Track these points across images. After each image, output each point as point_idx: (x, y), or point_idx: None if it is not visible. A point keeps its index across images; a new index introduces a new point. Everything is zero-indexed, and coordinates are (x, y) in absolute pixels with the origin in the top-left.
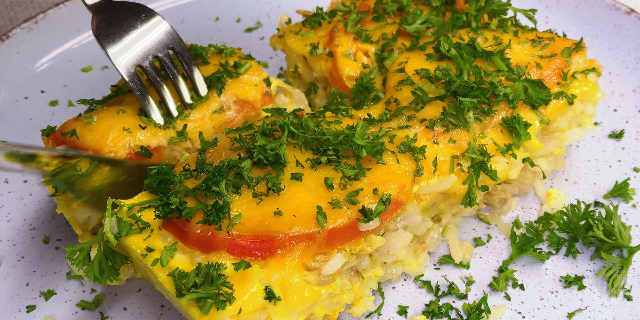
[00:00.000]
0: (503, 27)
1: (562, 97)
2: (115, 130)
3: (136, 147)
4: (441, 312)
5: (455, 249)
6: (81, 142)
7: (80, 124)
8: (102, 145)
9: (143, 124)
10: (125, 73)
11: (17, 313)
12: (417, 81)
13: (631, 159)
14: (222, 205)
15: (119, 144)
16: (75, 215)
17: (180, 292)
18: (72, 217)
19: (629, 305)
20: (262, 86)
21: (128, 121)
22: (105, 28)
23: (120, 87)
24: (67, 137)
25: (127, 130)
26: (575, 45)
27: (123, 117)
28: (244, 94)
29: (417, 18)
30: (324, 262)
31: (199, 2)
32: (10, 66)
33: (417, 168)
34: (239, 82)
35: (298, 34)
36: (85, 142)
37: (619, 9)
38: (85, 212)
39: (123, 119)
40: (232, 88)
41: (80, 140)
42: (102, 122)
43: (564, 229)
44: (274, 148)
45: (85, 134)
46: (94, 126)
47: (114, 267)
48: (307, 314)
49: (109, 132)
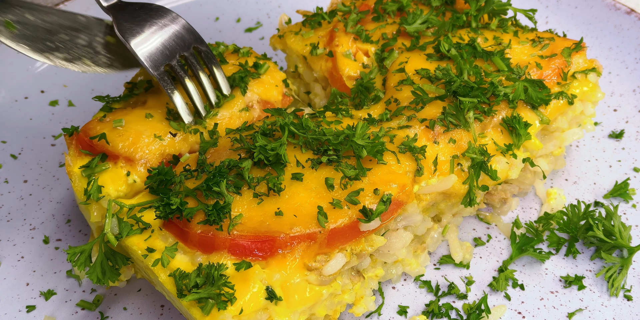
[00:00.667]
0: (503, 27)
1: (562, 97)
2: (147, 136)
3: (168, 156)
4: (441, 312)
5: (455, 249)
6: (111, 148)
7: (107, 126)
8: (134, 153)
9: (173, 131)
10: (155, 73)
11: (17, 313)
12: (417, 81)
13: (631, 159)
14: (223, 206)
15: (151, 153)
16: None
17: (182, 293)
18: (100, 226)
19: (629, 305)
20: (282, 87)
21: (158, 127)
22: (129, 28)
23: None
24: (96, 141)
25: (158, 138)
26: (575, 45)
27: (152, 122)
28: (266, 94)
29: (417, 18)
30: (325, 262)
31: (199, 2)
32: (10, 66)
33: (418, 168)
34: (261, 82)
35: (298, 34)
36: (115, 148)
37: (619, 9)
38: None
39: (153, 125)
40: (255, 88)
41: (110, 145)
42: (131, 127)
43: (564, 229)
44: (275, 148)
45: (115, 139)
46: (123, 131)
47: (115, 267)
48: (308, 314)
49: (139, 139)
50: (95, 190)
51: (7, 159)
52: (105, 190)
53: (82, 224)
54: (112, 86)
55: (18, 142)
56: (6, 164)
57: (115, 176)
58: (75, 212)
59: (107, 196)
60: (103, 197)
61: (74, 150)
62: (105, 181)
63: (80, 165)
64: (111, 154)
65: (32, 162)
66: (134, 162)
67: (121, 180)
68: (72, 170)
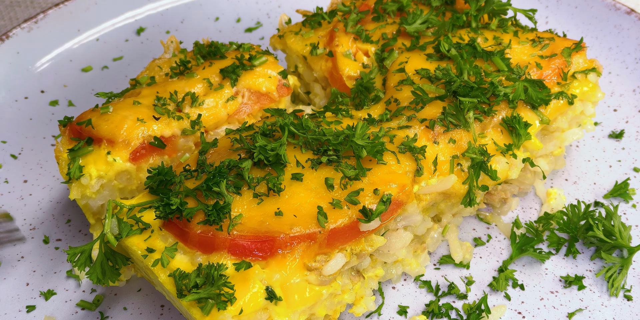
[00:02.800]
0: (503, 27)
1: (562, 97)
2: (130, 120)
3: (149, 138)
4: (441, 312)
5: (455, 249)
6: (96, 132)
7: (96, 114)
8: (115, 135)
9: (157, 115)
10: None
11: (17, 313)
12: (417, 81)
13: (631, 159)
14: (223, 206)
15: (132, 134)
16: (88, 203)
17: (181, 293)
18: (85, 205)
19: (629, 305)
20: (276, 78)
21: (143, 112)
22: None
23: (138, 80)
24: (83, 127)
25: (141, 121)
26: (576, 45)
27: (138, 108)
28: (256, 85)
29: (417, 18)
30: (324, 262)
31: (199, 2)
32: (10, 66)
33: (418, 168)
34: (252, 74)
35: (298, 34)
36: (100, 131)
37: (619, 9)
38: (99, 199)
39: (138, 110)
40: (245, 79)
41: (95, 129)
42: (117, 113)
43: (564, 229)
44: (275, 148)
45: (101, 124)
46: (109, 116)
47: (115, 267)
48: (308, 314)
49: (123, 122)
50: (76, 169)
51: (7, 159)
52: (86, 170)
53: (82, 224)
54: (112, 86)
55: (18, 142)
56: (6, 164)
57: (97, 157)
58: (75, 212)
59: (87, 175)
60: (82, 175)
61: (65, 138)
62: (88, 162)
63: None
64: (96, 138)
65: (32, 162)
66: (115, 144)
67: (103, 161)
68: (61, 155)
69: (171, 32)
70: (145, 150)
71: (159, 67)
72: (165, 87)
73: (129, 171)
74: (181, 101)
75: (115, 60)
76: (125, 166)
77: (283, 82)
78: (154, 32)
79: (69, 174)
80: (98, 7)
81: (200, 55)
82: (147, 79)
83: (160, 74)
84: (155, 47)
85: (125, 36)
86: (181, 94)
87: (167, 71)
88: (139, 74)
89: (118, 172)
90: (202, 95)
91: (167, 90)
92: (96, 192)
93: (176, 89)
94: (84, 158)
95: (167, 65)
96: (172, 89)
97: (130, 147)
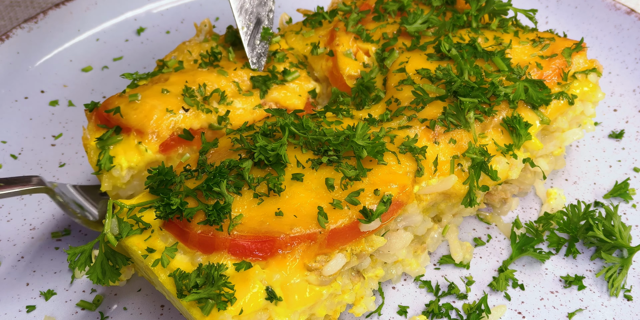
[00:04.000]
0: (504, 27)
1: (562, 97)
2: (159, 111)
3: (179, 130)
4: (441, 312)
5: (455, 249)
6: (125, 121)
7: (124, 101)
8: (145, 125)
9: (186, 106)
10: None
11: (17, 313)
12: (418, 81)
13: (631, 159)
14: (223, 206)
15: (162, 125)
16: (118, 193)
17: (182, 293)
18: (115, 195)
19: (629, 305)
20: (305, 97)
21: (172, 102)
22: None
23: (166, 62)
24: (111, 115)
25: (170, 112)
26: (576, 46)
27: (167, 97)
28: (285, 102)
29: (418, 18)
30: (325, 262)
31: (199, 2)
32: (10, 66)
33: (418, 168)
34: (283, 89)
35: (299, 33)
36: (129, 120)
37: (619, 9)
38: (129, 190)
39: (167, 100)
40: (276, 92)
41: (123, 118)
42: (146, 101)
43: (564, 229)
44: (275, 148)
45: (129, 113)
46: (138, 105)
47: (115, 267)
48: (308, 314)
49: (152, 112)
50: (106, 160)
51: (7, 159)
52: (117, 160)
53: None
54: (112, 86)
55: (18, 142)
56: (6, 164)
57: (127, 147)
58: None
59: (118, 166)
60: (113, 167)
61: (92, 125)
62: (118, 152)
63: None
64: (124, 127)
65: (32, 162)
66: (144, 134)
67: (133, 151)
68: (89, 143)
69: (171, 32)
70: (175, 142)
71: (189, 51)
72: (195, 78)
73: (159, 162)
74: (209, 96)
75: (115, 60)
76: (155, 157)
77: (311, 101)
78: (154, 32)
79: (99, 164)
80: (98, 7)
81: (231, 42)
82: (175, 62)
83: (188, 59)
84: (155, 47)
85: (125, 36)
86: (210, 88)
87: (196, 57)
88: (167, 55)
89: (148, 163)
90: (230, 96)
91: (196, 81)
92: (127, 183)
93: (205, 81)
94: (114, 148)
95: (197, 49)
96: (201, 81)
97: (159, 138)
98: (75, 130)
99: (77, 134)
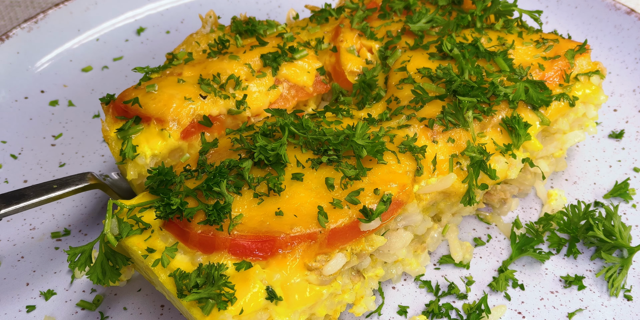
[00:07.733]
0: (508, 28)
1: (563, 98)
2: (177, 99)
3: (198, 117)
4: (441, 312)
5: (455, 248)
6: (144, 110)
7: (141, 92)
8: (165, 113)
9: (204, 93)
10: None
11: (17, 313)
12: (419, 80)
13: (631, 159)
14: (223, 206)
15: (181, 113)
16: (143, 182)
17: (182, 293)
18: (140, 184)
19: (629, 305)
20: (314, 73)
21: (189, 90)
22: None
23: (175, 55)
24: (130, 106)
25: (188, 100)
26: (579, 47)
27: (184, 86)
28: (295, 78)
29: (422, 17)
30: (325, 262)
31: (199, 2)
32: (10, 66)
33: (418, 167)
34: (292, 65)
35: (305, 29)
36: (148, 110)
37: (619, 9)
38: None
39: (184, 88)
40: (285, 69)
41: (142, 108)
42: (163, 91)
43: (564, 230)
44: (275, 148)
45: (148, 102)
46: (156, 95)
47: (115, 267)
48: (308, 313)
49: (171, 100)
50: (130, 149)
51: (7, 159)
52: (140, 149)
53: (82, 224)
54: (112, 86)
55: (18, 142)
56: (6, 164)
57: (149, 135)
58: (75, 212)
59: (142, 154)
60: (138, 155)
61: (110, 117)
62: (140, 141)
63: (116, 129)
64: (144, 117)
65: (32, 162)
66: (165, 122)
67: (155, 138)
68: (109, 135)
69: (171, 32)
70: (195, 128)
71: (197, 42)
72: (207, 67)
73: (181, 148)
74: (224, 83)
75: (115, 60)
76: (178, 143)
77: (321, 78)
78: (154, 32)
79: (122, 154)
80: (98, 7)
81: (238, 32)
82: (185, 54)
83: (197, 50)
84: (155, 47)
85: (125, 36)
86: (224, 75)
87: (204, 48)
88: (176, 48)
89: (171, 150)
90: (245, 80)
91: (208, 70)
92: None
93: (219, 70)
94: (135, 137)
95: (205, 40)
96: (214, 70)
97: (180, 125)
98: (75, 130)
99: (77, 134)
